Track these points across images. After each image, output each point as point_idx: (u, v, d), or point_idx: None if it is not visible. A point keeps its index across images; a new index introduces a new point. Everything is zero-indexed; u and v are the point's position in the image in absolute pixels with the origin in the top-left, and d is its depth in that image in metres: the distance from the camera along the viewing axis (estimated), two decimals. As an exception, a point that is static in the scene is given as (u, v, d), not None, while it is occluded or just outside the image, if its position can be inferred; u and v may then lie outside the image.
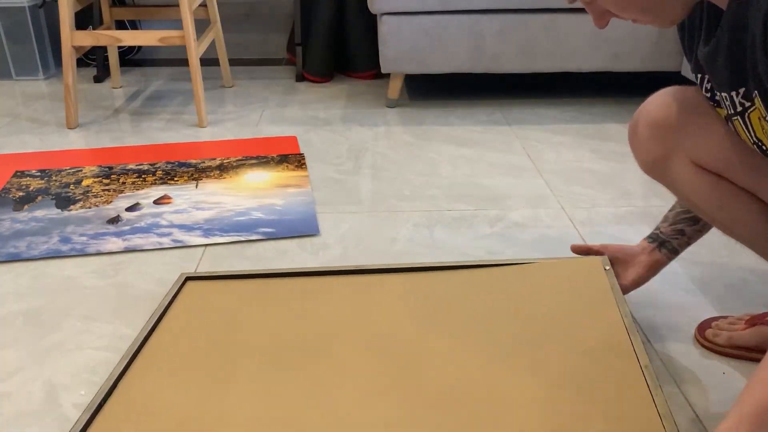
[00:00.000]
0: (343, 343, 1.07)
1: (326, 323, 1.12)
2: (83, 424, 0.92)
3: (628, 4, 0.88)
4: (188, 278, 1.28)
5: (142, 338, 1.10)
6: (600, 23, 0.94)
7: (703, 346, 1.10)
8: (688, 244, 1.14)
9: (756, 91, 0.82)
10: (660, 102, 1.07)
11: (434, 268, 1.25)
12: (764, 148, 0.88)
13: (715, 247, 1.39)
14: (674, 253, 1.14)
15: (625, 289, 1.15)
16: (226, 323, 1.15)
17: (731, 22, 0.82)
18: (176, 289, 1.24)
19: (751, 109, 0.85)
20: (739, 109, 0.87)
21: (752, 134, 0.88)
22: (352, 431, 0.91)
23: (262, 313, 1.17)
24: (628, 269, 1.17)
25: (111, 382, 1.00)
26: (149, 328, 1.13)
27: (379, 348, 1.06)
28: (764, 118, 0.83)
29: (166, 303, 1.20)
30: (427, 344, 1.05)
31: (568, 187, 1.71)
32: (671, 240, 1.14)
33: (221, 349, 1.08)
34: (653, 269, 1.16)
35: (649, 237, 1.17)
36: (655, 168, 1.12)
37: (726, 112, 0.94)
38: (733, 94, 0.89)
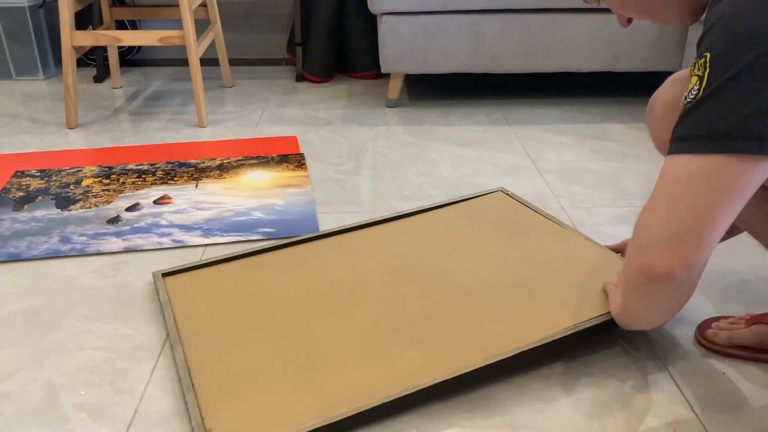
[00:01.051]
0: (363, 282, 1.22)
1: (333, 276, 1.25)
2: (194, 403, 0.96)
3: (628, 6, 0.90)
4: (164, 275, 1.29)
5: (173, 324, 1.13)
6: (622, 23, 1.02)
7: (703, 346, 1.10)
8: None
9: None
10: (677, 82, 1.08)
11: (385, 220, 1.45)
12: None
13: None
14: None
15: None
16: (240, 297, 1.20)
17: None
18: (163, 285, 1.26)
19: None
20: None
21: None
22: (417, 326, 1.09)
23: (264, 282, 1.23)
24: None
25: (184, 362, 1.04)
26: (172, 320, 1.15)
27: (392, 278, 1.23)
28: None
29: (165, 298, 1.21)
30: (440, 269, 1.25)
31: (568, 187, 1.71)
32: None
33: (256, 315, 1.15)
34: None
35: None
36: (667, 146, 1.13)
37: None
38: None
